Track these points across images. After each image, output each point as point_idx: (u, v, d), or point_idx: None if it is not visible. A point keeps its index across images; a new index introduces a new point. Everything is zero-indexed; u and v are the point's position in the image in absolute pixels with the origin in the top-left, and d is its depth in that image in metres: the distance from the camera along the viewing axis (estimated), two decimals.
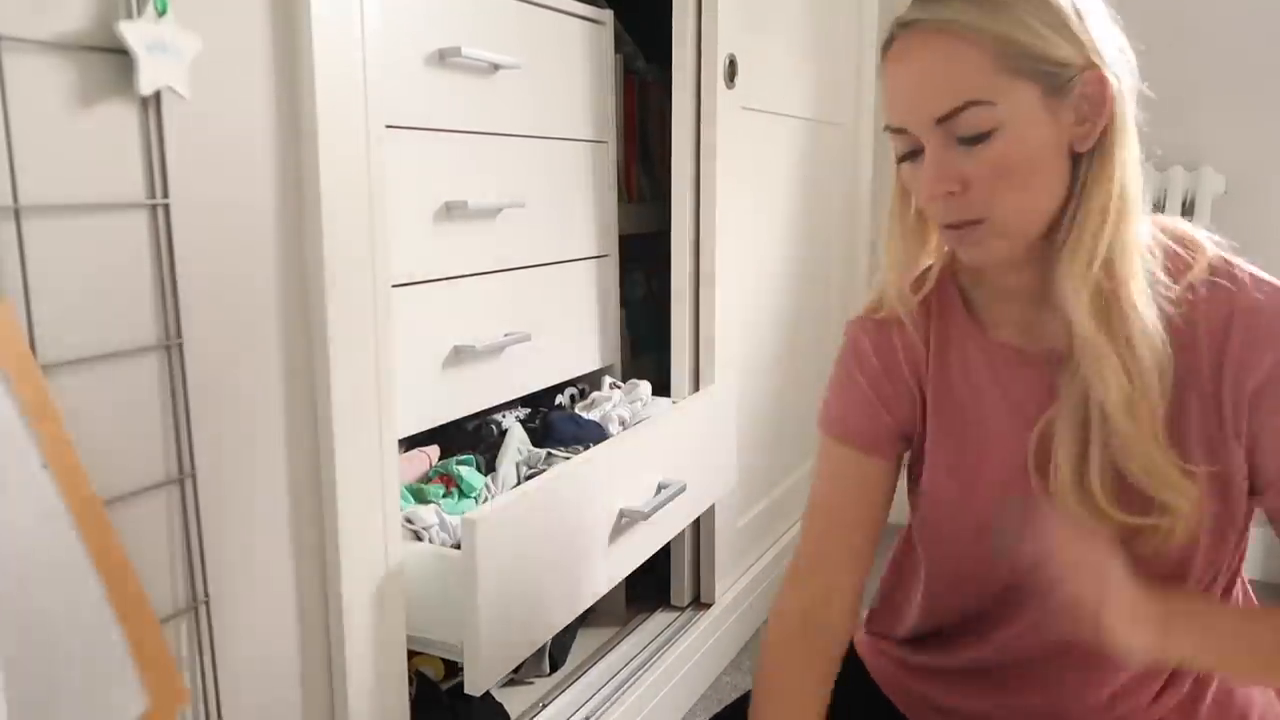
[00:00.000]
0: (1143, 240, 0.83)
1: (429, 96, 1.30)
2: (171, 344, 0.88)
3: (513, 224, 1.48)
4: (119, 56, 0.80)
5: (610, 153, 1.74)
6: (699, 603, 1.95)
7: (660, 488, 1.52)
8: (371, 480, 1.09)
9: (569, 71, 1.61)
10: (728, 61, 1.77)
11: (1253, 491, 0.86)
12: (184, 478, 0.90)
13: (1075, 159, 0.82)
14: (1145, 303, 0.80)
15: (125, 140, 0.83)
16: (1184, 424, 0.84)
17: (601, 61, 1.70)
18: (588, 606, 1.38)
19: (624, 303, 1.87)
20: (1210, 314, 0.83)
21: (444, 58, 1.31)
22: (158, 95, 0.84)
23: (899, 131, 0.84)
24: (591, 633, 1.81)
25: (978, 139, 0.79)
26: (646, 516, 1.44)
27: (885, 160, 2.63)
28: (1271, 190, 2.31)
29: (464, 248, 1.39)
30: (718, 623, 1.93)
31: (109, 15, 0.79)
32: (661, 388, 1.87)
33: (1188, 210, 2.30)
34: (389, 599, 1.12)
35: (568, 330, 1.66)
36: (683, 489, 1.55)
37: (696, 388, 1.86)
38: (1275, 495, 0.84)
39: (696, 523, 1.90)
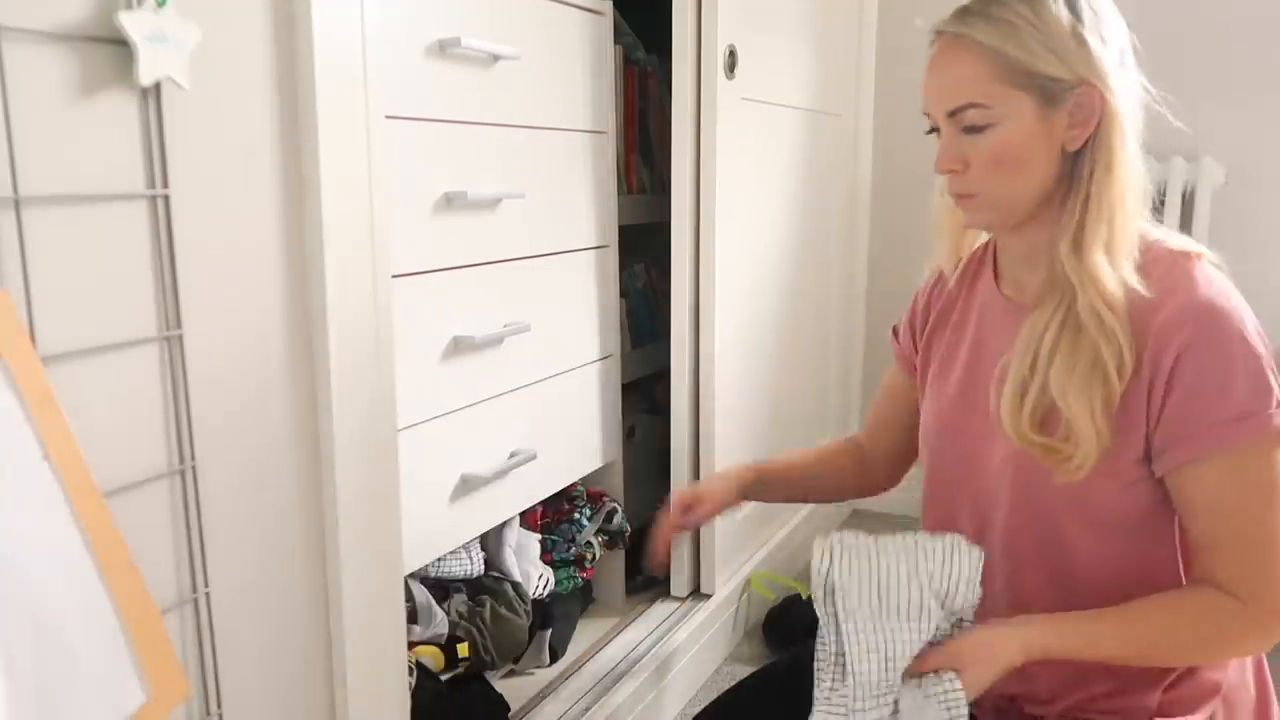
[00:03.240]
0: (1129, 234, 0.97)
1: (429, 87, 1.30)
2: (171, 335, 0.88)
3: (512, 215, 1.48)
4: (119, 47, 0.80)
5: (610, 143, 1.74)
6: (699, 593, 1.95)
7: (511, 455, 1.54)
8: (372, 470, 1.09)
9: (569, 62, 1.61)
10: (728, 52, 1.76)
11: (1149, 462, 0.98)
12: (184, 469, 0.90)
13: (1074, 154, 0.98)
14: (1112, 281, 0.95)
15: (125, 131, 0.83)
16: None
17: (601, 52, 1.69)
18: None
19: (623, 293, 1.87)
20: (1161, 311, 0.95)
21: (444, 48, 1.30)
22: (157, 86, 0.84)
23: (926, 114, 1.03)
24: (592, 624, 1.81)
25: (977, 130, 0.98)
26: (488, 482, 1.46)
27: (885, 151, 2.63)
28: (1271, 181, 2.31)
29: (464, 238, 1.39)
30: (717, 613, 1.93)
31: (109, 6, 0.79)
32: (660, 381, 1.87)
33: (1187, 201, 2.30)
34: (390, 588, 1.13)
35: (567, 321, 1.66)
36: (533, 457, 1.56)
37: (696, 378, 1.86)
38: (1163, 462, 0.96)
39: None
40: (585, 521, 1.76)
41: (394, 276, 1.15)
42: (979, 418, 1.06)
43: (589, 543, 1.77)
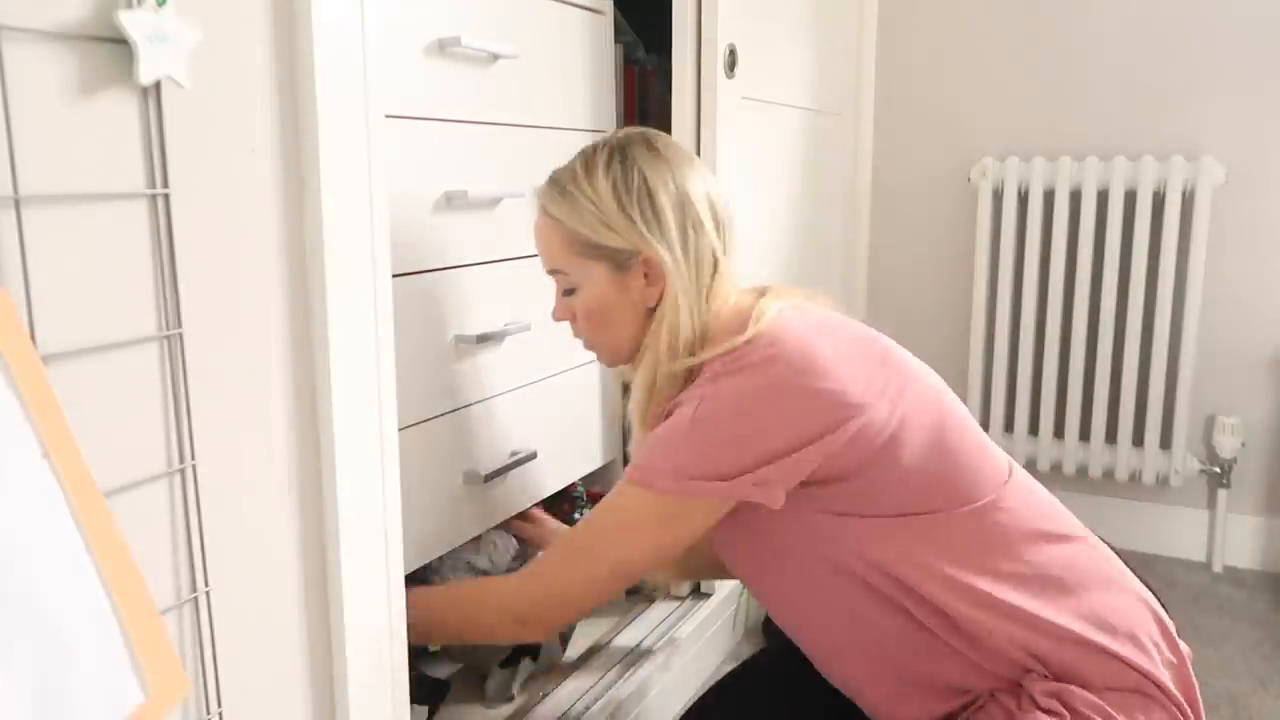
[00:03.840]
0: (672, 382, 1.18)
1: (429, 86, 1.30)
2: (171, 334, 0.88)
3: (513, 214, 1.48)
4: (119, 46, 0.80)
5: None
6: (699, 593, 1.95)
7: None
8: (372, 470, 1.09)
9: (569, 61, 1.61)
10: (728, 51, 1.76)
11: None
12: (184, 467, 0.90)
13: (653, 310, 1.18)
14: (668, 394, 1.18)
15: (125, 130, 0.83)
16: None
17: (601, 51, 1.69)
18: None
19: None
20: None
21: (443, 47, 1.30)
22: (158, 85, 0.84)
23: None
24: (592, 623, 1.81)
25: (569, 292, 1.22)
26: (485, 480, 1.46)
27: (885, 150, 2.63)
28: (1272, 180, 2.31)
29: (464, 237, 1.39)
30: (717, 613, 1.93)
31: (108, 5, 0.79)
32: None
33: (1187, 201, 2.30)
34: (390, 586, 1.13)
35: None
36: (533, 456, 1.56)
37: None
38: None
39: None
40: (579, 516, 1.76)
41: (394, 276, 1.15)
42: None
43: None
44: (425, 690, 1.45)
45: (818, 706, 1.19)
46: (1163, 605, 1.13)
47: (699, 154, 1.78)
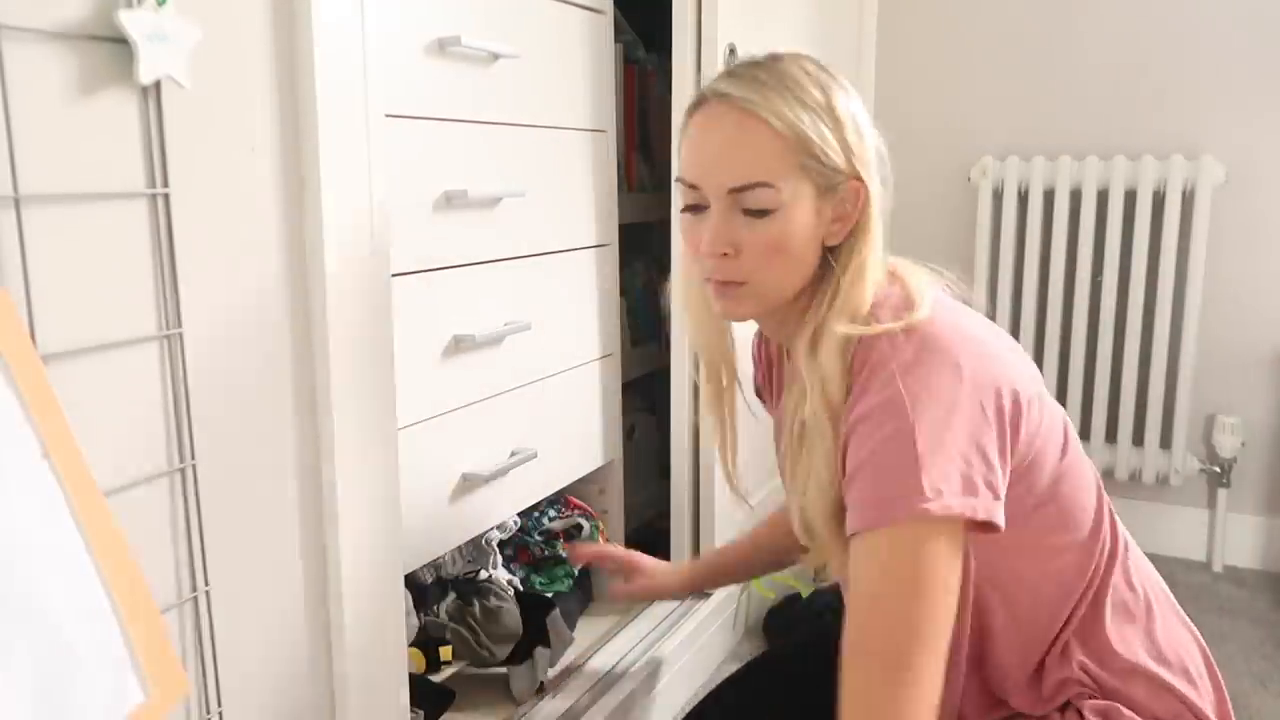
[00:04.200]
0: (859, 321, 0.95)
1: (429, 85, 1.30)
2: (171, 333, 0.88)
3: (513, 213, 1.48)
4: (119, 46, 0.80)
5: (610, 142, 1.74)
6: (698, 592, 1.95)
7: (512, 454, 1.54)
8: (372, 469, 1.09)
9: (569, 60, 1.61)
10: (728, 51, 1.76)
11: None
12: (184, 467, 0.90)
13: (825, 250, 0.97)
14: (837, 386, 0.94)
15: (125, 129, 0.83)
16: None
17: (601, 50, 1.69)
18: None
19: (624, 292, 1.87)
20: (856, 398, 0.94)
21: (443, 47, 1.30)
22: (158, 84, 0.84)
23: (690, 187, 0.96)
24: (592, 622, 1.81)
25: (759, 214, 0.93)
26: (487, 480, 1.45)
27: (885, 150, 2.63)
28: (1272, 180, 2.30)
29: (464, 237, 1.39)
30: (717, 612, 1.93)
31: (109, 4, 0.79)
32: (660, 376, 1.86)
33: (1187, 200, 2.30)
34: (390, 585, 1.13)
35: (568, 320, 1.66)
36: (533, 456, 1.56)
37: (695, 376, 1.86)
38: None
39: (696, 512, 1.90)
40: (546, 521, 1.76)
41: (394, 275, 1.15)
42: None
43: (546, 538, 1.77)
44: (429, 697, 1.45)
45: (820, 709, 1.17)
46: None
47: None
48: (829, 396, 0.93)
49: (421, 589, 1.53)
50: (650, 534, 2.07)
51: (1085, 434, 2.48)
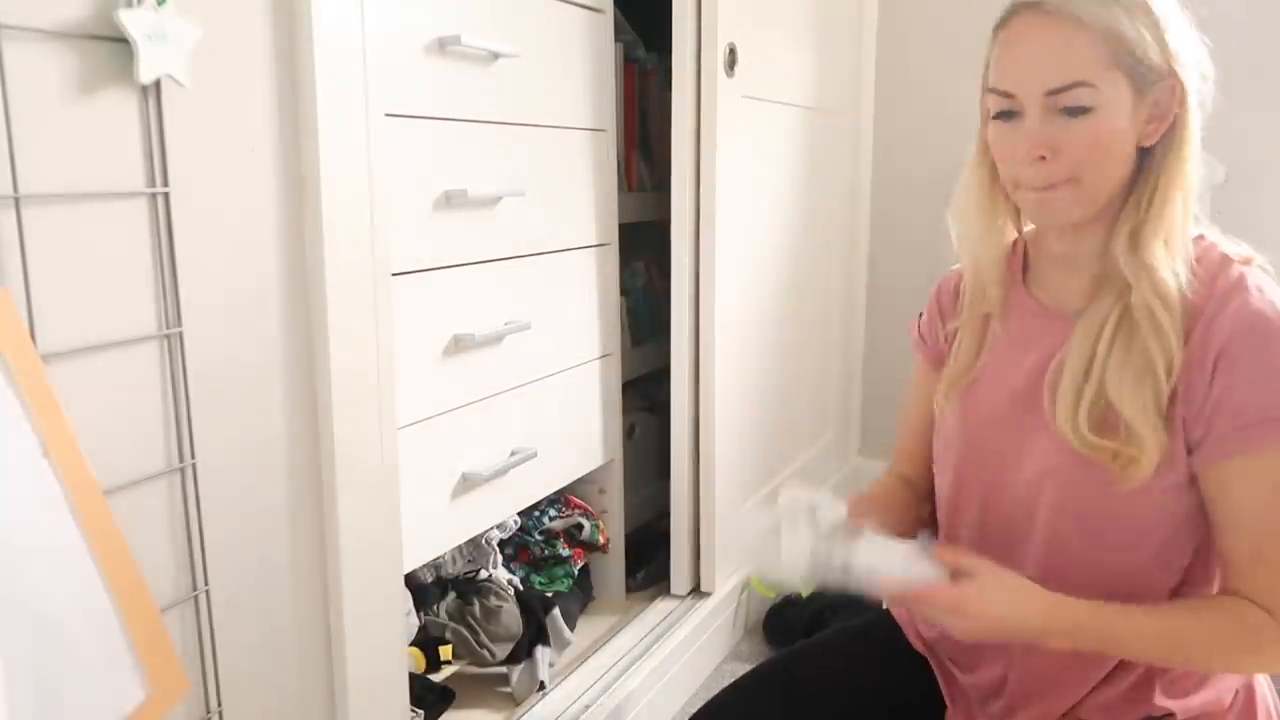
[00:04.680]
0: (1186, 234, 0.94)
1: (429, 85, 1.30)
2: (171, 332, 0.88)
3: (512, 212, 1.48)
4: (119, 45, 0.80)
5: (610, 141, 1.74)
6: (698, 591, 1.95)
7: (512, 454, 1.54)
8: (372, 469, 1.09)
9: (569, 60, 1.60)
10: (728, 50, 1.76)
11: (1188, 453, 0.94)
12: (184, 466, 0.90)
13: (1140, 151, 0.95)
14: (1169, 276, 0.92)
15: (125, 128, 0.83)
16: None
17: (601, 50, 1.69)
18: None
19: (624, 291, 1.87)
20: (1210, 311, 0.92)
21: (443, 46, 1.30)
22: (157, 84, 0.84)
23: (1004, 95, 0.95)
24: (592, 621, 1.81)
25: (1078, 112, 0.91)
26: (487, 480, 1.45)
27: (885, 150, 2.63)
28: (1272, 179, 2.30)
29: (464, 236, 1.39)
30: (717, 611, 1.93)
31: (109, 4, 0.79)
32: (660, 375, 1.86)
33: None
34: (390, 585, 1.13)
35: (567, 319, 1.66)
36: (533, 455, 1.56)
37: (695, 376, 1.86)
38: (1203, 455, 0.92)
39: (696, 512, 1.90)
40: (546, 521, 1.76)
41: (394, 274, 1.15)
42: (1013, 430, 1.02)
43: (546, 537, 1.77)
44: (429, 696, 1.46)
45: (821, 712, 1.15)
46: None
47: (698, 152, 1.78)
48: (1159, 287, 0.92)
49: (421, 589, 1.53)
50: (650, 534, 2.07)
51: None
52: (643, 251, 2.11)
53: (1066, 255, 1.01)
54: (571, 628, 1.70)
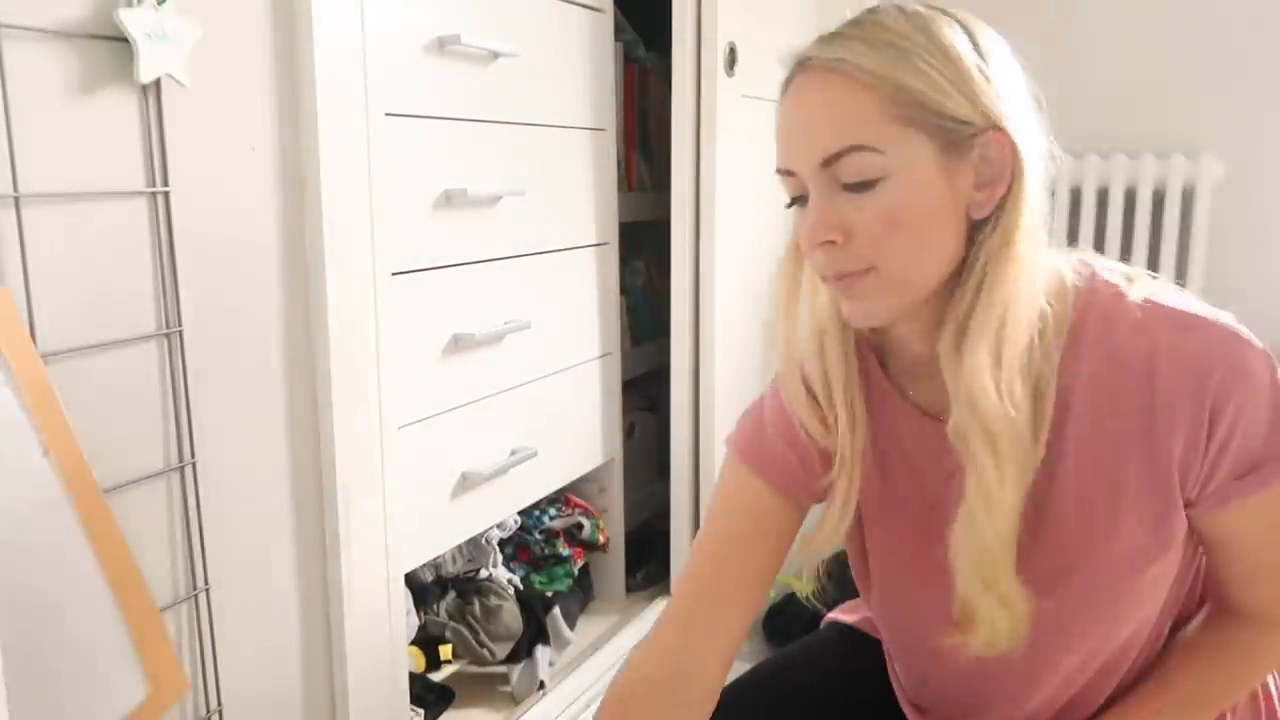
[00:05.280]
0: (1035, 313, 0.77)
1: (428, 84, 1.30)
2: (171, 332, 0.88)
3: (512, 212, 1.48)
4: (119, 44, 0.80)
5: (610, 141, 1.74)
6: None
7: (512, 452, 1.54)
8: (371, 468, 1.09)
9: (569, 59, 1.60)
10: (728, 49, 1.76)
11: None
12: (184, 465, 0.90)
13: (972, 225, 0.77)
14: (991, 393, 0.75)
15: (125, 128, 0.83)
16: (1120, 498, 0.80)
17: (601, 49, 1.69)
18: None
19: (623, 290, 1.87)
20: (1131, 363, 0.79)
21: (443, 45, 1.30)
22: (157, 83, 0.84)
23: (786, 174, 0.80)
24: (593, 620, 1.81)
25: (863, 186, 0.75)
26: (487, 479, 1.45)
27: None
28: (1272, 178, 2.30)
29: (463, 236, 1.39)
30: None
31: (109, 3, 0.79)
32: (660, 375, 1.86)
33: (1187, 199, 2.29)
34: (390, 584, 1.13)
35: (568, 318, 1.66)
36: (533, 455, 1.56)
37: (695, 375, 1.86)
38: (1201, 508, 0.81)
39: (696, 511, 1.90)
40: (546, 520, 1.76)
41: (394, 274, 1.15)
42: (937, 576, 0.83)
43: (546, 536, 1.77)
44: (429, 696, 1.46)
45: (821, 712, 1.13)
46: None
47: (698, 151, 1.78)
48: (977, 406, 0.75)
49: (421, 588, 1.53)
50: (650, 533, 2.07)
51: None
52: (643, 251, 2.11)
53: (913, 351, 0.85)
54: (571, 627, 1.70)
